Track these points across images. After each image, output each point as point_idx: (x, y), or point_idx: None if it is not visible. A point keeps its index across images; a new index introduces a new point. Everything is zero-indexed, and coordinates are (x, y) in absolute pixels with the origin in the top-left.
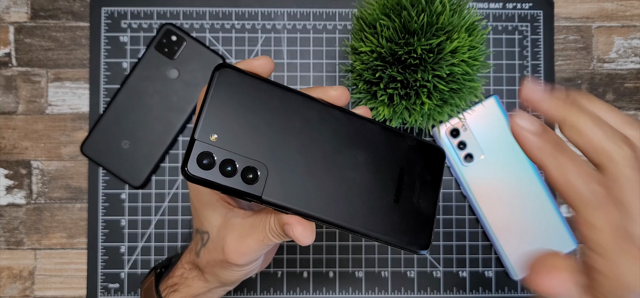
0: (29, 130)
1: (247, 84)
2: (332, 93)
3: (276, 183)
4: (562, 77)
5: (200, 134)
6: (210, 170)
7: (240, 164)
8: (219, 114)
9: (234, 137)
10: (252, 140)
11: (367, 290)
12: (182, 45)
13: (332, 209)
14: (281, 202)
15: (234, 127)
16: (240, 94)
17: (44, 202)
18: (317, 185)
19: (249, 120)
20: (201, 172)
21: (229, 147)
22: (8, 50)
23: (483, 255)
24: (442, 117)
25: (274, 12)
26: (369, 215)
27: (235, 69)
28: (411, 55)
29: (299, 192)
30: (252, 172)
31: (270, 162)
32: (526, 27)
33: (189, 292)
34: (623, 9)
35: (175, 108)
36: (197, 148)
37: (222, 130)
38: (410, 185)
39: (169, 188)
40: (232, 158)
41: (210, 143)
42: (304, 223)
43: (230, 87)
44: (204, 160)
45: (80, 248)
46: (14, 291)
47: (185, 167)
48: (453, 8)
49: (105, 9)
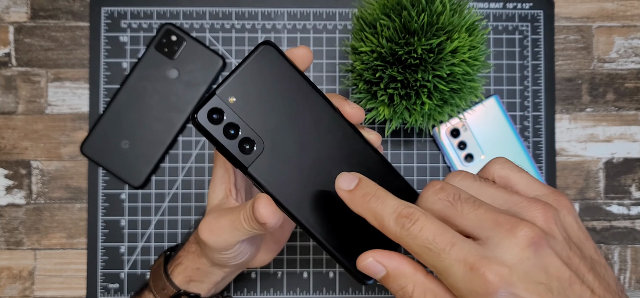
0: (29, 130)
1: (282, 68)
2: (347, 109)
3: (265, 163)
4: (563, 77)
5: (221, 91)
6: (215, 126)
7: (243, 132)
8: (246, 82)
9: (249, 107)
10: (263, 117)
11: (367, 290)
12: (182, 45)
13: (304, 210)
14: (262, 180)
15: (253, 99)
16: (272, 73)
17: (44, 202)
18: (300, 182)
19: (269, 99)
20: (206, 124)
21: (240, 113)
22: (8, 50)
23: None
24: (443, 117)
25: (274, 12)
26: (333, 229)
27: (278, 51)
28: (411, 55)
29: (282, 180)
30: (249, 144)
31: (268, 143)
32: (526, 27)
33: (190, 265)
34: (623, 9)
35: (175, 108)
36: (213, 102)
37: (242, 97)
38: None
39: (169, 189)
40: (238, 124)
41: (226, 103)
42: (271, 205)
43: (267, 65)
44: (214, 115)
45: (80, 249)
46: (13, 291)
47: (196, 114)
48: (453, 8)
49: (105, 9)
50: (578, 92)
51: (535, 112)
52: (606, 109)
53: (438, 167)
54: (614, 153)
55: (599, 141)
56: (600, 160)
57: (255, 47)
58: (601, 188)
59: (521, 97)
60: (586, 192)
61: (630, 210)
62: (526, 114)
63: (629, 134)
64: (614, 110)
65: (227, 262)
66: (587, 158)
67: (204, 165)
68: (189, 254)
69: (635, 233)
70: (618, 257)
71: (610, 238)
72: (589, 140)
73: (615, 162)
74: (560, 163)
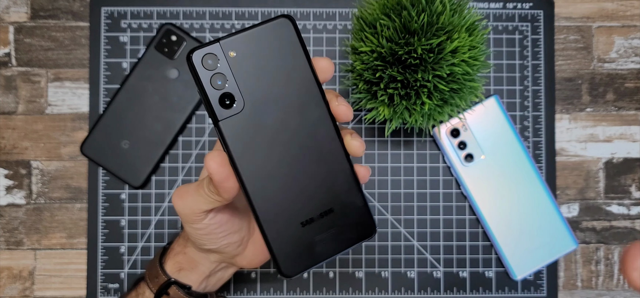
0: (29, 130)
1: (292, 45)
2: (334, 104)
3: (238, 125)
4: (562, 77)
5: (225, 43)
6: (204, 71)
7: (229, 88)
8: (252, 43)
9: (245, 68)
10: (254, 83)
11: (367, 290)
12: (182, 45)
13: (255, 183)
14: (227, 138)
15: (252, 62)
16: (280, 46)
17: (44, 202)
18: (262, 157)
19: (266, 68)
20: (198, 65)
21: (234, 69)
22: (8, 50)
23: (483, 255)
24: (443, 117)
25: (274, 12)
26: (276, 216)
27: (295, 28)
28: (411, 55)
29: (246, 147)
30: (230, 100)
31: (248, 108)
32: (526, 27)
33: (180, 251)
34: (623, 8)
35: (175, 108)
36: (212, 48)
37: (242, 55)
38: (325, 225)
39: (169, 188)
40: (227, 78)
41: (225, 54)
42: (220, 160)
43: (278, 36)
44: (208, 60)
45: (80, 249)
46: (13, 291)
47: (192, 53)
48: (453, 8)
49: (105, 9)
50: (578, 92)
51: (535, 112)
52: (606, 109)
53: (438, 167)
54: (614, 153)
55: (599, 141)
56: (600, 160)
57: (275, 17)
58: (601, 188)
59: (521, 97)
60: (586, 192)
61: (630, 210)
62: (526, 114)
63: (629, 134)
64: (614, 110)
65: (202, 241)
66: (587, 158)
67: (203, 165)
68: (179, 240)
69: (635, 233)
70: (618, 257)
71: (610, 238)
72: (589, 140)
73: (615, 162)
74: (560, 163)
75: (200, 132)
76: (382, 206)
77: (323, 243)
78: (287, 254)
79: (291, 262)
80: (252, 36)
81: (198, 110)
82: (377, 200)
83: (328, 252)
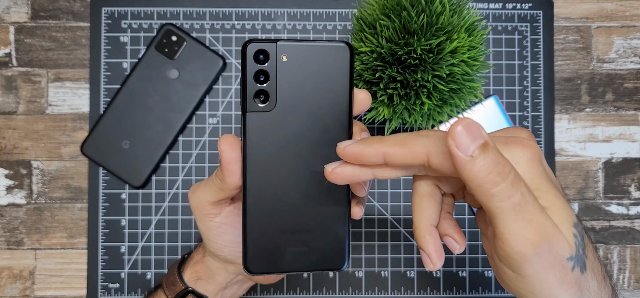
0: (29, 130)
1: (342, 71)
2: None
3: (261, 122)
4: (562, 77)
5: (282, 46)
6: (253, 63)
7: (268, 86)
8: (306, 56)
9: (291, 74)
10: (292, 91)
11: (367, 290)
12: (182, 46)
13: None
14: (248, 129)
15: (299, 72)
16: (331, 68)
17: (44, 202)
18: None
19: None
20: (249, 56)
21: (280, 71)
22: (8, 50)
23: (482, 255)
24: (442, 117)
25: (274, 12)
26: (262, 214)
27: (351, 58)
28: (411, 56)
29: (260, 145)
30: (265, 97)
31: (277, 112)
32: (526, 27)
33: (198, 259)
34: (623, 9)
35: (175, 108)
36: (268, 46)
37: (293, 63)
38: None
39: (169, 188)
40: (270, 77)
41: (277, 55)
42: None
43: (333, 58)
44: (260, 56)
45: (80, 248)
46: (14, 291)
47: (248, 43)
48: (453, 8)
49: (105, 9)
50: (577, 92)
51: (535, 112)
52: (605, 109)
53: None
54: (613, 153)
55: (598, 141)
56: (600, 160)
57: (338, 41)
58: (600, 188)
59: (520, 97)
60: (585, 192)
61: (629, 210)
62: (525, 114)
63: (628, 134)
64: (613, 110)
65: (216, 245)
66: (587, 158)
67: (204, 165)
68: (199, 249)
69: (635, 233)
70: (617, 256)
71: (609, 238)
72: (588, 140)
73: (615, 162)
74: (560, 163)
75: (200, 132)
76: (382, 206)
77: (292, 256)
78: (257, 252)
79: (258, 260)
80: (309, 49)
81: (198, 110)
82: (377, 200)
83: (294, 266)
